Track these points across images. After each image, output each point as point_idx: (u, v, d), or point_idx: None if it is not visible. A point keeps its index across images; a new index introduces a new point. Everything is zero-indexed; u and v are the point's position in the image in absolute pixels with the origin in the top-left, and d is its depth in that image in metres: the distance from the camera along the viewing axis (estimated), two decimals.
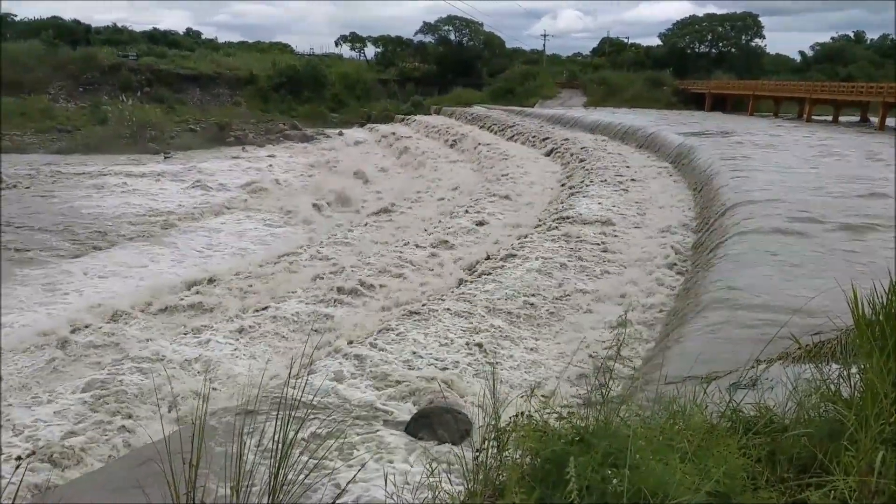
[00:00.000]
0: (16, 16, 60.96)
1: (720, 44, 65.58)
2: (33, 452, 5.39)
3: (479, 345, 7.87)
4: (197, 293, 11.14)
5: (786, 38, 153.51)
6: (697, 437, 2.23)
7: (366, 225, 16.42)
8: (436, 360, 7.36)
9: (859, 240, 9.18)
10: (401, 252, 12.67)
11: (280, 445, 1.78)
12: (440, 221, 15.58)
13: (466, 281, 10.62)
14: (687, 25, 65.87)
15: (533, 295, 9.63)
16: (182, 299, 10.77)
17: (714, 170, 15.52)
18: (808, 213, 10.67)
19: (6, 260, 13.40)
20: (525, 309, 9.15)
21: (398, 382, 6.55)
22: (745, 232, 9.76)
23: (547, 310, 9.20)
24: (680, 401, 2.60)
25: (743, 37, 64.56)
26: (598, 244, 12.07)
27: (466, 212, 16.38)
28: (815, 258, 8.22)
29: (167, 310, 10.32)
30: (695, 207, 14.12)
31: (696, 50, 66.39)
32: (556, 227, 13.16)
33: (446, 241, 13.39)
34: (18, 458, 2.38)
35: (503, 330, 8.42)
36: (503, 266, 11.00)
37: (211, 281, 11.80)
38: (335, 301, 10.14)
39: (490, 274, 10.68)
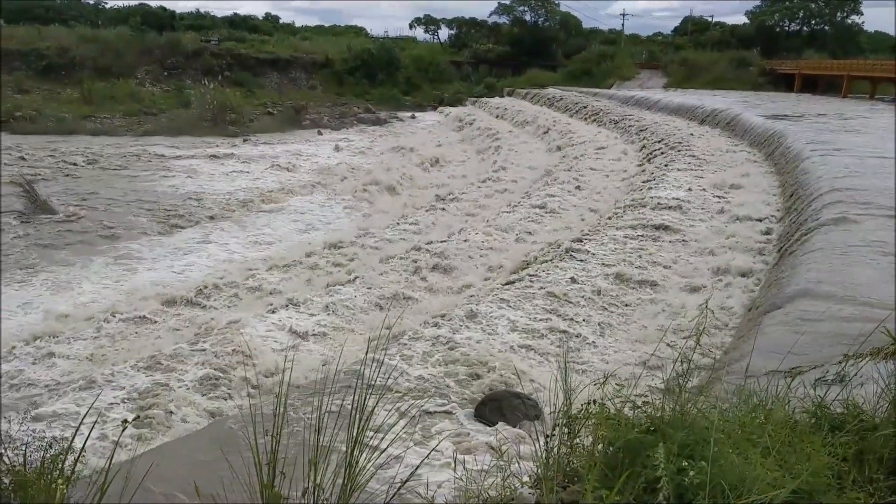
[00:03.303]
0: (106, 3, 64.14)
1: (812, 21, 61.92)
2: (137, 416, 5.69)
3: (553, 329, 7.82)
4: (271, 272, 11.49)
5: (886, 14, 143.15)
6: (779, 432, 2.15)
7: (433, 209, 16.47)
8: (507, 342, 7.36)
9: None
10: (470, 235, 12.69)
11: (356, 422, 1.82)
12: (510, 207, 15.47)
13: (538, 265, 10.53)
14: (777, 2, 62.42)
15: (610, 282, 9.45)
16: (255, 277, 11.12)
17: (802, 156, 14.77)
18: None
19: (94, 234, 14.27)
20: (600, 297, 9.00)
21: (470, 363, 6.59)
22: (833, 221, 9.26)
23: (624, 298, 9.02)
24: (761, 394, 2.52)
25: (838, 13, 60.71)
26: (678, 230, 11.72)
27: (534, 198, 16.23)
28: None
29: (235, 289, 10.68)
30: (780, 195, 13.49)
31: (787, 28, 62.94)
32: (633, 214, 12.85)
33: (513, 228, 13.32)
34: (124, 420, 2.51)
35: (576, 316, 8.32)
36: (574, 254, 10.84)
37: (285, 263, 12.11)
38: (409, 283, 10.26)
39: (563, 260, 10.55)
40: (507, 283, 9.48)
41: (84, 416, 5.62)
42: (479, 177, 20.92)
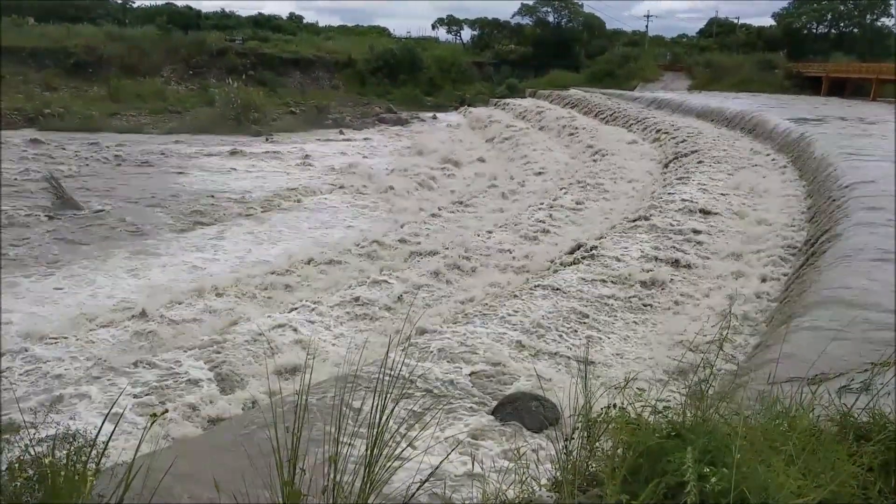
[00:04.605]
0: (133, 2, 65.10)
1: (841, 23, 60.95)
2: (166, 410, 5.75)
3: (574, 331, 7.77)
4: (289, 274, 11.49)
5: None
6: (803, 440, 2.12)
7: (452, 212, 16.45)
8: (526, 344, 7.33)
9: None
10: (492, 239, 12.68)
11: (377, 422, 1.83)
12: (531, 210, 15.41)
13: (561, 266, 10.49)
14: (805, 4, 61.53)
15: (632, 284, 9.38)
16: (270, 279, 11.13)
17: (828, 159, 14.55)
18: None
19: (118, 230, 14.49)
20: (622, 301, 8.93)
21: (490, 364, 6.58)
22: (861, 225, 9.12)
23: (645, 302, 8.95)
24: (784, 401, 2.48)
25: (868, 16, 59.70)
26: (701, 233, 11.60)
27: (556, 200, 16.17)
28: None
29: (252, 287, 10.70)
30: (805, 199, 13.31)
31: (814, 31, 62.03)
32: (654, 217, 12.74)
33: (536, 230, 13.28)
34: (153, 414, 2.54)
35: (596, 319, 8.27)
36: (597, 255, 10.78)
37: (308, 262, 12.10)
38: (423, 286, 10.26)
39: (584, 262, 10.49)
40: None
41: (110, 410, 5.71)
42: (495, 181, 20.86)
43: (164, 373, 7.07)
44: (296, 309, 9.19)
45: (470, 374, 6.39)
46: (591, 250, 10.91)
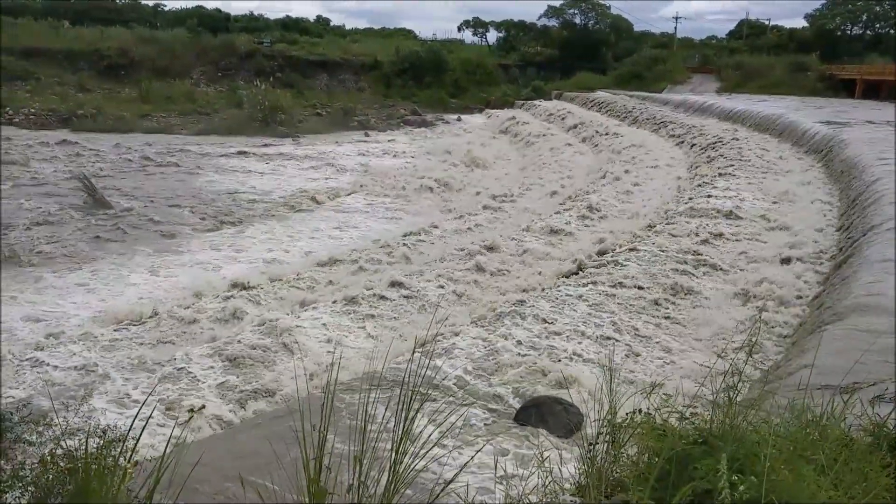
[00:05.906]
0: (165, 5, 66.35)
1: (876, 25, 59.59)
2: (203, 406, 5.81)
3: (601, 335, 7.72)
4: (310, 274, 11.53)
5: None
6: (835, 450, 2.08)
7: (477, 214, 16.41)
8: (551, 346, 7.29)
9: None
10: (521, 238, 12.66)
11: (401, 421, 1.83)
12: (551, 214, 15.33)
13: (587, 267, 10.42)
14: (838, 5, 60.29)
15: (655, 287, 9.28)
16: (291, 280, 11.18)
17: (861, 163, 14.25)
18: None
19: (146, 230, 14.74)
20: (647, 304, 8.84)
21: (512, 367, 6.56)
22: (893, 230, 8.91)
23: (670, 306, 8.85)
24: (815, 410, 2.44)
25: None
26: (730, 239, 11.44)
27: (576, 202, 16.07)
28: None
29: (285, 287, 10.79)
30: (839, 205, 13.04)
31: (848, 32, 60.73)
32: (685, 221, 12.59)
33: (559, 231, 13.21)
34: (191, 409, 2.56)
35: (622, 321, 8.20)
36: (622, 258, 10.69)
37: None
38: (450, 290, 10.26)
39: (609, 265, 10.41)
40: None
41: (140, 408, 5.81)
42: (515, 185, 20.80)
43: (185, 370, 7.15)
44: (317, 308, 9.24)
45: (492, 376, 6.37)
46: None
